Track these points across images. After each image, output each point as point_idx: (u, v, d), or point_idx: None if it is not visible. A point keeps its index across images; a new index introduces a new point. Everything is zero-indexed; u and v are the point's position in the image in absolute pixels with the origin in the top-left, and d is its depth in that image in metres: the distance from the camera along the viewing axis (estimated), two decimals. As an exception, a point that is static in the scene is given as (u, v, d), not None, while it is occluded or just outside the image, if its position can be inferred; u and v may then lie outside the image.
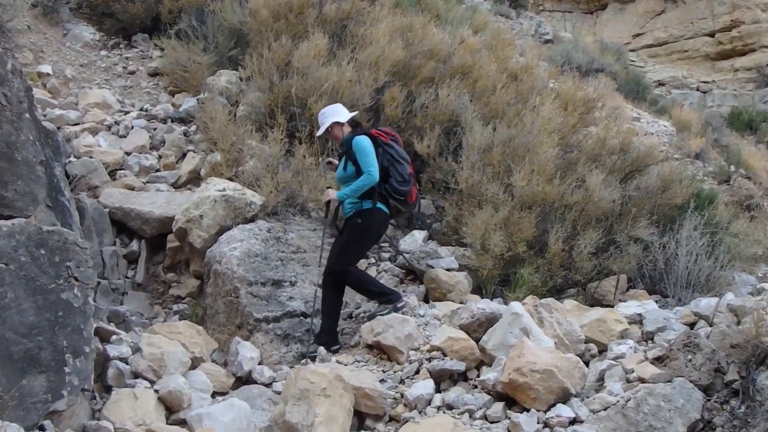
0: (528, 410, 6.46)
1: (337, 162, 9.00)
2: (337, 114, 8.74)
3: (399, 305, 8.41)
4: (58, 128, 10.83)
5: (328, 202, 8.77)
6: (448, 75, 12.48)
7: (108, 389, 7.01)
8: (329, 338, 8.38)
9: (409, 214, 9.45)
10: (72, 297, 6.25)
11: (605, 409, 6.27)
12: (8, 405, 5.42)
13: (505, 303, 8.76)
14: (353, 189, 8.37)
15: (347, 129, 8.74)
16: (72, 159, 10.55)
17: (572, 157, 11.59)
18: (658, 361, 6.70)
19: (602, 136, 12.20)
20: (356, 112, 9.21)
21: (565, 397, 6.51)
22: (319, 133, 8.84)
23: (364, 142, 8.42)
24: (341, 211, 8.79)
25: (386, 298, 8.46)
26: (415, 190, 8.86)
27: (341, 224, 8.86)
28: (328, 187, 8.99)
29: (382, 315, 8.22)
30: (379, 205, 8.51)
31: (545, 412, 6.42)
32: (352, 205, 8.52)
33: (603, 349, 7.69)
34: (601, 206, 10.42)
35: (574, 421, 6.28)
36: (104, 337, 7.42)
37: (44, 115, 11.56)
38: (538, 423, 6.29)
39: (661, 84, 34.22)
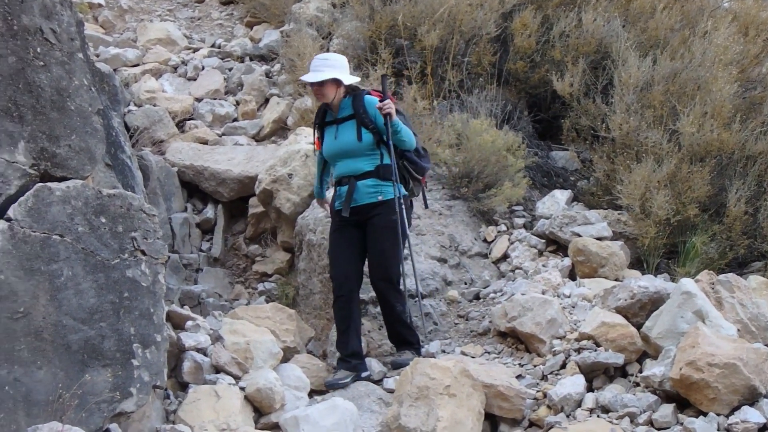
0: (705, 414, 6.37)
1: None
2: (342, 69, 8.13)
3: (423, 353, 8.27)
4: (115, 70, 11.04)
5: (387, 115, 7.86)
6: (594, -7, 12.32)
7: (184, 386, 7.16)
8: (360, 361, 8.14)
9: (411, 200, 8.65)
10: (139, 275, 6.37)
11: (805, 413, 6.18)
12: (69, 405, 5.55)
13: (673, 280, 8.65)
14: (407, 132, 7.99)
15: (341, 92, 8.13)
16: (132, 108, 10.76)
17: (755, 96, 11.32)
18: None
19: (794, 68, 11.89)
20: (359, 79, 8.56)
21: (752, 397, 6.39)
22: (312, 79, 8.01)
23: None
24: (355, 197, 7.99)
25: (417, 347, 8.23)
26: None
27: (344, 213, 8.02)
28: (382, 99, 7.93)
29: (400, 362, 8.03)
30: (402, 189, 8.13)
31: (727, 416, 6.32)
32: (372, 190, 7.98)
33: (801, 338, 7.53)
34: (795, 156, 10.13)
35: (764, 428, 6.18)
36: (178, 323, 7.57)
37: (97, 55, 11.81)
38: (718, 430, 6.20)
39: None
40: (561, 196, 10.35)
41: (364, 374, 7.90)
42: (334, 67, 8.02)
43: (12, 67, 5.92)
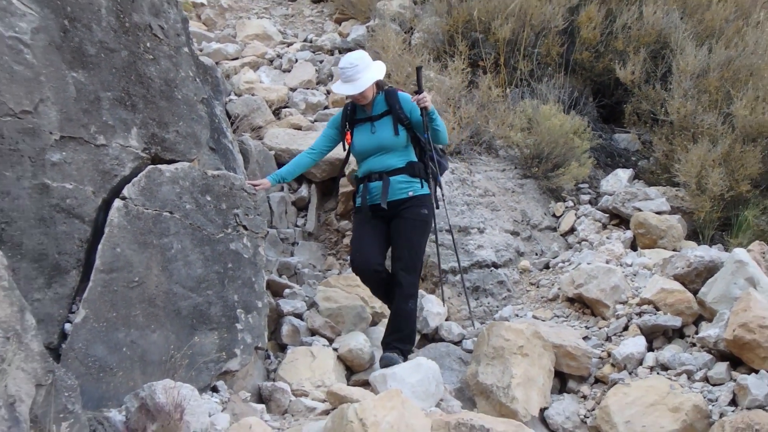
0: (757, 371, 6.28)
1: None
2: (371, 67, 7.31)
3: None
4: (217, 63, 11.09)
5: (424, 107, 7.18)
6: (654, -13, 12.16)
7: (282, 347, 7.23)
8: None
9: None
10: (241, 247, 6.41)
11: None
12: (180, 365, 5.61)
13: (727, 250, 8.55)
14: (442, 124, 7.35)
15: (375, 89, 7.44)
16: (233, 97, 10.79)
17: (805, 81, 11.14)
18: None
19: (841, 54, 11.63)
20: (384, 67, 7.59)
21: (801, 356, 6.29)
22: (353, 91, 7.21)
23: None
24: (389, 190, 7.25)
25: (410, 348, 7.31)
26: None
27: (383, 204, 7.22)
28: (417, 92, 7.22)
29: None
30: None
31: (777, 373, 6.23)
32: (404, 186, 7.28)
33: None
34: (841, 136, 9.93)
35: (813, 385, 6.07)
36: (276, 290, 7.63)
37: (200, 50, 11.88)
38: (769, 385, 6.11)
39: None
40: (623, 174, 10.30)
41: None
42: (366, 68, 7.21)
43: (125, 61, 5.97)
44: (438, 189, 7.57)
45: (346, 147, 7.56)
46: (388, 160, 7.24)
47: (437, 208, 7.47)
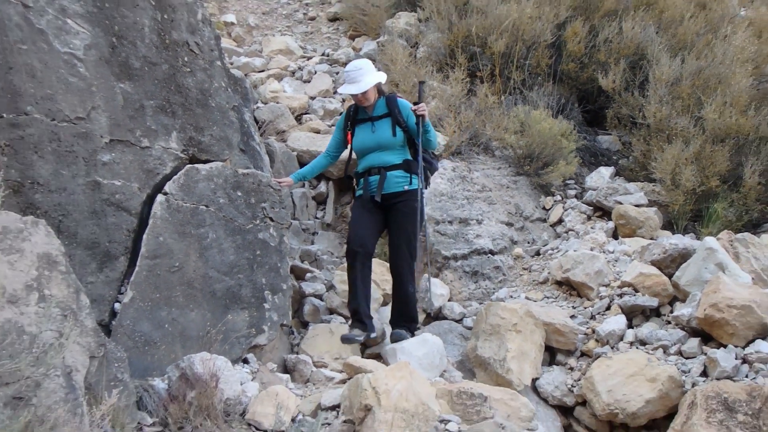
0: (725, 346, 6.33)
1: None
2: (374, 72, 7.31)
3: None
4: (245, 75, 11.12)
5: (422, 116, 7.15)
6: (633, 6, 12.09)
7: (305, 325, 7.30)
8: (370, 321, 7.30)
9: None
10: (268, 237, 6.48)
11: (809, 345, 6.09)
12: (215, 339, 5.68)
13: (698, 238, 8.57)
14: (434, 134, 7.37)
15: (376, 93, 7.42)
16: (260, 105, 10.82)
17: (767, 88, 11.13)
18: None
19: (800, 65, 11.63)
20: (385, 75, 7.61)
21: (764, 332, 6.31)
22: (357, 90, 7.16)
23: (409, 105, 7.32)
24: (386, 184, 7.22)
25: (416, 326, 7.31)
26: None
27: (377, 198, 7.17)
28: (416, 102, 7.21)
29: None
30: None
31: (743, 347, 6.27)
32: (401, 180, 7.25)
33: (805, 284, 7.40)
34: (800, 137, 9.93)
35: (775, 357, 6.10)
36: (299, 275, 7.69)
37: (231, 63, 11.90)
38: (736, 359, 6.15)
39: None
40: (605, 171, 10.31)
41: (372, 335, 7.07)
42: (369, 72, 7.20)
43: (165, 73, 6.03)
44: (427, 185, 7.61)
45: (348, 145, 7.56)
46: (386, 156, 7.23)
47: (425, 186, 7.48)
